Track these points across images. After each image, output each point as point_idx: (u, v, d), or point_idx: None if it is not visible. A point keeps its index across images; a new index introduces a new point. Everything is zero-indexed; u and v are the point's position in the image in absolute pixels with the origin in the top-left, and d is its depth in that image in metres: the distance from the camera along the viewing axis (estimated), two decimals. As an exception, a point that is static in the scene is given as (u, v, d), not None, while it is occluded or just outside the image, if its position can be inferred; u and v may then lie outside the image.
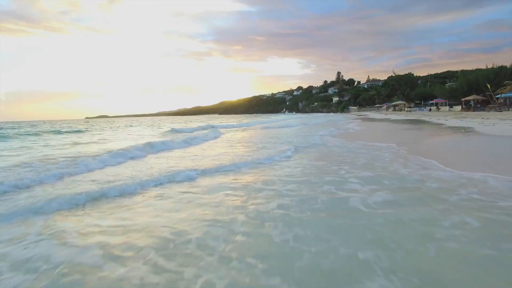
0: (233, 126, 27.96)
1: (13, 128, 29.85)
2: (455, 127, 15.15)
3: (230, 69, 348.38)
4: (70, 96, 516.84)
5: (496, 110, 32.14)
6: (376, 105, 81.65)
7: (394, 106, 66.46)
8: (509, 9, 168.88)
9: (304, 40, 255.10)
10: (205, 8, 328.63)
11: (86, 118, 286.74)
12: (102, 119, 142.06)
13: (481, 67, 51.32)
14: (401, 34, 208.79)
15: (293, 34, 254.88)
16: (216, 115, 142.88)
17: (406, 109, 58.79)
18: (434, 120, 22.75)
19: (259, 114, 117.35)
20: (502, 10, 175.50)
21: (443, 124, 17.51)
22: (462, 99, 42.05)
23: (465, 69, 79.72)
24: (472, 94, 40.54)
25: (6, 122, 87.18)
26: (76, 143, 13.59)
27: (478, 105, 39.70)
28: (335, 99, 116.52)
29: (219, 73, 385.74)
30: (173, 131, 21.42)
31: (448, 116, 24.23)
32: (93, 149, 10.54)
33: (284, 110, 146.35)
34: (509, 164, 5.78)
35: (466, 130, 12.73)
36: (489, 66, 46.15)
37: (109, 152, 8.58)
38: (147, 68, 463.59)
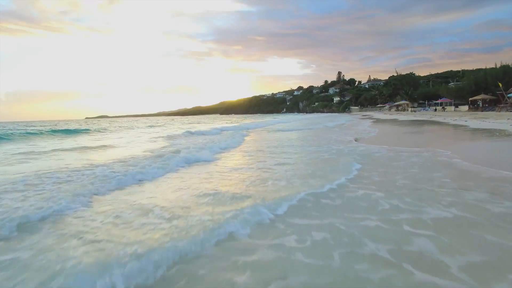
0: (247, 128, 25.58)
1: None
2: (484, 129, 13.54)
3: (230, 69, 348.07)
4: (70, 96, 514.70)
5: (507, 110, 31.23)
6: (378, 105, 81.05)
7: (397, 106, 65.71)
8: (509, 9, 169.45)
9: (304, 40, 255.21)
10: (205, 8, 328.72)
11: (86, 118, 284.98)
12: (103, 119, 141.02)
13: (482, 67, 51.09)
14: (401, 34, 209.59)
15: (293, 34, 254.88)
16: (217, 115, 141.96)
17: (409, 109, 57.89)
18: (450, 121, 21.29)
19: (260, 114, 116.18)
20: (502, 10, 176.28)
21: (465, 126, 15.94)
22: (470, 99, 41.18)
23: (465, 69, 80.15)
24: (481, 94, 39.64)
25: (6, 123, 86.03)
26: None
27: (486, 105, 38.89)
28: (336, 99, 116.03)
29: (219, 73, 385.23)
30: (189, 133, 18.74)
31: (464, 117, 23.16)
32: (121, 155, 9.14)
33: (284, 110, 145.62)
34: None
35: (503, 133, 11.18)
36: (490, 66, 45.76)
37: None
38: (147, 68, 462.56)
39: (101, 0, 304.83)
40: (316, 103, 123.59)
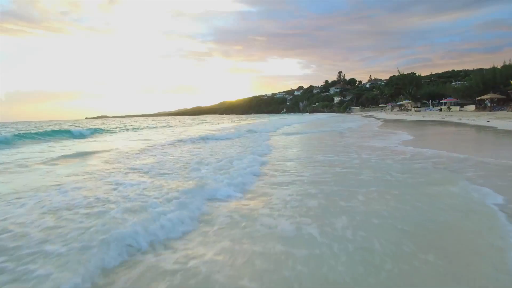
0: (266, 130, 22.61)
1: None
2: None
3: (230, 69, 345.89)
4: (70, 96, 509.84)
5: (519, 110, 31.14)
6: (380, 105, 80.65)
7: (400, 106, 65.22)
8: (509, 9, 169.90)
9: (304, 40, 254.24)
10: (205, 8, 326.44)
11: (86, 118, 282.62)
12: (103, 119, 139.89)
13: (482, 67, 50.94)
14: (402, 34, 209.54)
15: (293, 34, 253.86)
16: (217, 115, 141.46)
17: (413, 109, 57.47)
18: (468, 121, 20.55)
19: (264, 114, 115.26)
20: (502, 10, 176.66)
21: (493, 127, 15.14)
22: (477, 98, 40.81)
23: (466, 69, 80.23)
24: (489, 93, 39.31)
25: (6, 123, 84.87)
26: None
27: (494, 105, 38.60)
28: (337, 99, 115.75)
29: (219, 73, 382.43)
30: (205, 138, 14.46)
31: (481, 117, 22.57)
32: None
33: (284, 110, 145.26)
34: None
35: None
36: (490, 66, 45.10)
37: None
38: (147, 68, 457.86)
39: (101, 0, 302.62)
40: (317, 103, 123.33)
